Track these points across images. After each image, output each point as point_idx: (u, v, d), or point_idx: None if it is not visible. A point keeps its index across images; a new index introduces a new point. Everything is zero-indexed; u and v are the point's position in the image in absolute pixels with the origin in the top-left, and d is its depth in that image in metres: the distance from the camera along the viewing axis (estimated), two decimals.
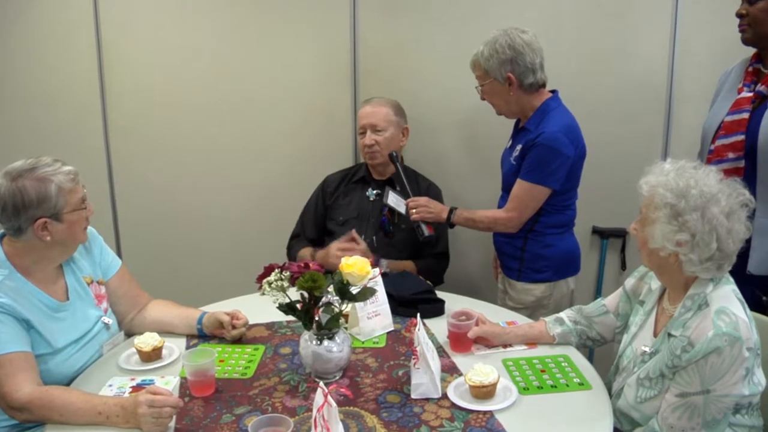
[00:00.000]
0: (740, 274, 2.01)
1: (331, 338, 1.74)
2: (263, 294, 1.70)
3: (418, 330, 1.67)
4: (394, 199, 2.55)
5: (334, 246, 2.53)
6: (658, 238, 1.61)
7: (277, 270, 1.70)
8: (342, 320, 1.77)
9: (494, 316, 2.12)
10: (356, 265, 1.70)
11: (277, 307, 1.73)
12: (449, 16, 2.79)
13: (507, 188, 2.41)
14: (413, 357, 1.67)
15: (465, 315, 1.97)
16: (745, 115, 2.09)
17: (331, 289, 1.76)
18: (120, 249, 3.27)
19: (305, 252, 2.66)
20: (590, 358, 2.85)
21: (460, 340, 1.94)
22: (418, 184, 2.72)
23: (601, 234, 2.89)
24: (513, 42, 2.27)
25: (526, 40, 2.28)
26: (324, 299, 1.74)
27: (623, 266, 2.90)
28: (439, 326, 2.07)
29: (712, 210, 1.55)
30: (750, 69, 2.16)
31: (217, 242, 3.20)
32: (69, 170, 1.78)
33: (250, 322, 2.08)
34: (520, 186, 2.33)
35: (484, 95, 2.40)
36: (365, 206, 2.71)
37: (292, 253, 2.74)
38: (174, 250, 3.24)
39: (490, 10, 2.75)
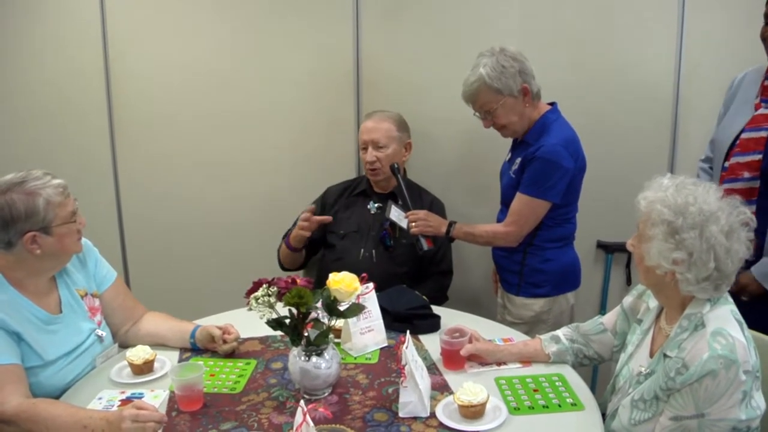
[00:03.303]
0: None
1: (319, 354, 1.72)
2: (250, 309, 1.69)
3: (406, 348, 1.64)
4: (396, 214, 2.53)
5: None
6: (654, 255, 1.56)
7: (264, 285, 1.68)
8: (331, 336, 1.75)
9: (491, 332, 2.10)
10: (344, 281, 1.68)
11: (266, 323, 1.71)
12: (452, 28, 2.78)
13: (506, 202, 2.38)
14: (401, 375, 1.64)
15: (458, 332, 1.94)
16: (764, 134, 2.02)
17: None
18: (126, 259, 3.29)
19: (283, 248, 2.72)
20: (593, 377, 2.82)
21: (453, 358, 1.91)
22: (421, 199, 2.69)
23: (606, 248, 2.85)
24: (513, 54, 2.26)
25: (517, 50, 2.28)
26: (313, 314, 1.72)
27: (628, 281, 2.85)
28: (434, 342, 2.04)
29: (710, 228, 1.50)
30: (767, 83, 2.10)
31: (221, 253, 3.21)
32: (58, 183, 1.78)
33: (245, 336, 2.08)
34: (519, 200, 2.29)
35: (498, 118, 2.31)
36: (366, 219, 2.69)
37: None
38: (179, 260, 3.25)
39: (493, 22, 2.73)
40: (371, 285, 1.99)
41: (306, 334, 1.72)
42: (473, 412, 1.61)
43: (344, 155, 3.00)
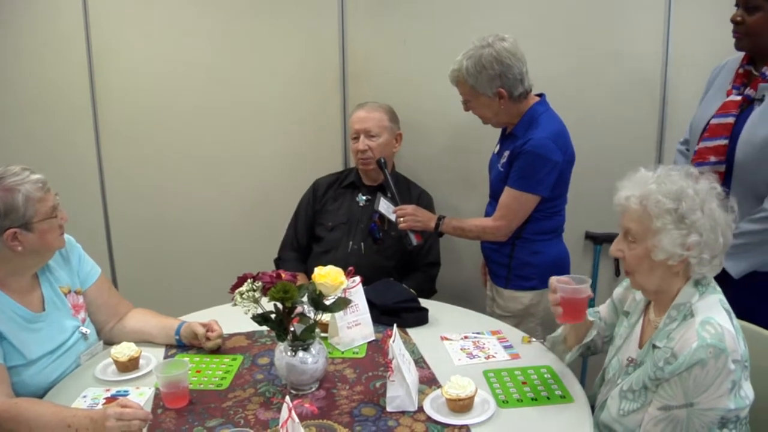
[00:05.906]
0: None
1: (306, 349, 1.70)
2: (235, 305, 1.67)
3: (392, 341, 1.63)
4: (384, 206, 2.51)
5: None
6: (667, 246, 1.51)
7: (249, 280, 1.66)
8: (318, 331, 1.73)
9: (479, 325, 2.10)
10: (329, 275, 1.66)
11: (251, 318, 1.69)
12: (437, 19, 2.76)
13: (495, 195, 2.36)
14: (388, 369, 1.63)
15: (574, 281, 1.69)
16: (731, 120, 2.02)
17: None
18: (112, 255, 3.27)
19: None
20: (583, 370, 2.82)
21: (577, 307, 1.66)
22: (409, 192, 2.68)
23: (595, 239, 2.84)
24: (499, 55, 2.20)
25: (510, 49, 2.21)
26: (299, 309, 1.70)
27: (617, 272, 2.84)
28: (422, 336, 2.03)
29: (710, 206, 1.51)
30: (741, 71, 2.08)
31: (208, 248, 3.19)
32: (37, 179, 1.75)
33: (232, 331, 2.06)
34: (508, 194, 2.28)
35: (473, 109, 2.34)
36: (355, 212, 2.67)
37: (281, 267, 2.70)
38: (166, 256, 3.23)
39: (479, 13, 2.71)
40: (358, 279, 1.97)
41: (292, 328, 1.70)
42: (461, 405, 1.60)
43: (332, 149, 2.98)
